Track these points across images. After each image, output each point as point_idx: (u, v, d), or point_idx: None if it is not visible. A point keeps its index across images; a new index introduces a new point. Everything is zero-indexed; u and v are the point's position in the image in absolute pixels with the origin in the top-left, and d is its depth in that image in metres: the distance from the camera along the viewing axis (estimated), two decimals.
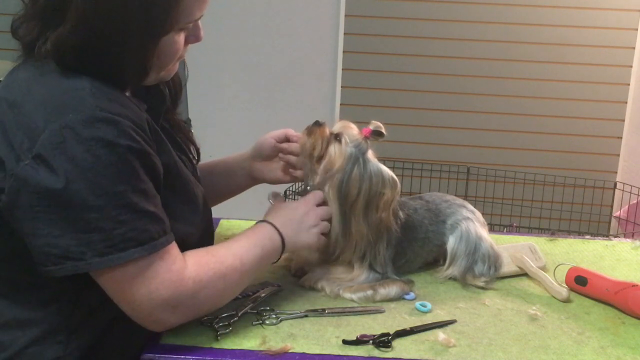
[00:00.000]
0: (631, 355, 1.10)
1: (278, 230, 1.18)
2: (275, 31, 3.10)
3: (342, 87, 3.07)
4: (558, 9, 2.93)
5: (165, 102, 1.21)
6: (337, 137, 1.27)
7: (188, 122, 2.10)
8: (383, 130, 1.27)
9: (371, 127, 1.27)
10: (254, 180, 1.44)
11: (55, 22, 1.00)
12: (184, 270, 1.02)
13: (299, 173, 1.37)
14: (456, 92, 3.04)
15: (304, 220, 1.22)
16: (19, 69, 1.06)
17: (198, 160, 1.34)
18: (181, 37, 1.07)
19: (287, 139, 1.37)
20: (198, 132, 2.10)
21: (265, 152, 1.39)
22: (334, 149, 1.26)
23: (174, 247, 1.03)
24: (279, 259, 1.20)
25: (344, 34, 3.03)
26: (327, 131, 1.28)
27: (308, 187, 1.30)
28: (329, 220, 1.25)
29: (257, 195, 1.46)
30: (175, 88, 1.25)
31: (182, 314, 1.04)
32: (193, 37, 1.11)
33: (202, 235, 1.19)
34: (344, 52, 3.05)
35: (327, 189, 1.25)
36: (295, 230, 1.21)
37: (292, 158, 1.36)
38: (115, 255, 0.96)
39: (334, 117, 3.07)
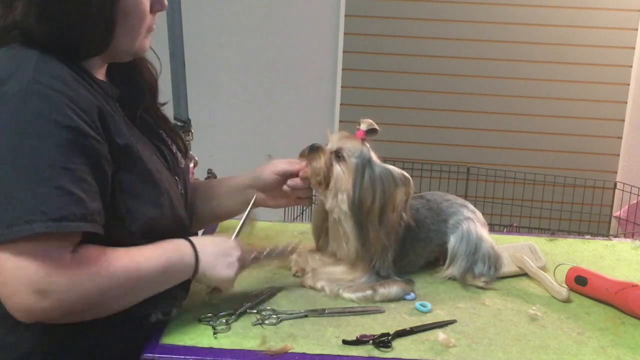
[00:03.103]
0: (631, 355, 1.10)
1: (195, 251, 1.12)
2: (275, 31, 3.10)
3: (342, 87, 3.07)
4: (558, 9, 2.93)
5: (142, 93, 1.21)
6: (337, 155, 1.26)
7: (188, 122, 2.09)
8: (375, 126, 1.27)
9: (363, 128, 1.27)
10: (255, 205, 1.40)
11: None
12: (68, 258, 0.96)
13: (307, 202, 1.37)
14: (456, 92, 3.04)
15: (228, 253, 1.17)
16: None
17: (186, 154, 1.33)
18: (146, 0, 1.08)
19: (289, 172, 1.32)
20: (198, 132, 2.11)
21: (268, 187, 1.35)
22: (339, 168, 1.25)
23: (76, 238, 0.98)
24: (190, 280, 1.14)
25: (344, 34, 3.03)
26: (327, 153, 1.27)
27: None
28: (245, 266, 1.21)
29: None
30: (152, 81, 1.24)
31: (51, 304, 0.95)
32: (158, 4, 1.11)
33: (171, 224, 1.15)
34: (344, 52, 3.05)
35: (341, 208, 1.24)
36: (215, 259, 1.15)
37: (301, 192, 1.34)
38: (21, 227, 0.92)
39: (334, 117, 3.07)
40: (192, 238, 1.15)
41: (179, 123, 2.08)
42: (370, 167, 1.23)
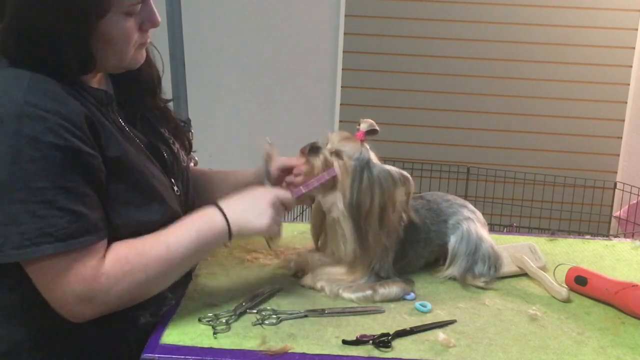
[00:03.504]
0: (631, 355, 1.10)
1: (224, 214, 1.14)
2: (275, 31, 3.10)
3: (342, 87, 3.07)
4: (558, 9, 2.93)
5: (142, 93, 1.22)
6: (337, 156, 1.26)
7: (188, 122, 2.09)
8: (376, 127, 1.26)
9: (363, 128, 1.26)
10: None
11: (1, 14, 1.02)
12: (100, 266, 1.03)
13: (307, 201, 1.38)
14: (456, 92, 3.04)
15: (256, 203, 1.17)
16: None
17: (190, 151, 1.35)
18: (129, 22, 1.07)
19: (288, 167, 1.33)
20: (198, 132, 2.11)
21: (274, 182, 1.36)
22: (337, 170, 1.25)
23: (96, 246, 1.04)
24: (227, 243, 1.17)
25: (344, 34, 3.03)
26: (326, 153, 1.26)
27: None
28: (288, 207, 1.22)
29: None
30: (153, 78, 1.24)
31: (98, 307, 1.05)
32: (148, 22, 1.11)
33: (167, 225, 1.16)
34: (344, 52, 3.05)
35: (338, 209, 1.24)
36: (244, 211, 1.16)
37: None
38: (30, 249, 0.98)
39: (334, 117, 3.07)
40: (221, 201, 1.17)
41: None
42: (368, 169, 1.23)
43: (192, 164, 1.59)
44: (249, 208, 1.17)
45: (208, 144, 2.72)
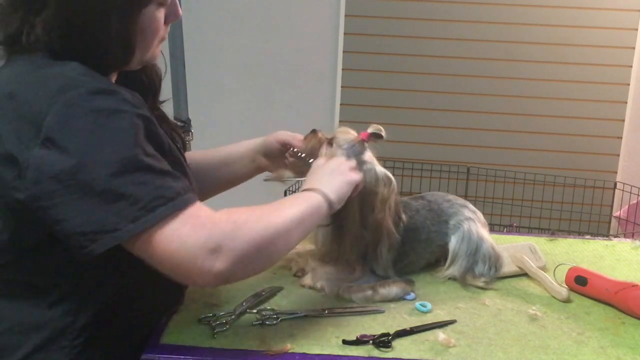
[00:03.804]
0: (631, 355, 1.10)
1: (318, 189, 1.14)
2: (275, 31, 3.10)
3: (342, 87, 3.07)
4: (558, 9, 2.93)
5: (149, 94, 1.22)
6: (330, 142, 1.28)
7: (188, 122, 2.09)
8: (382, 133, 1.27)
9: (369, 130, 1.27)
10: (260, 170, 1.46)
11: (37, 7, 1.01)
12: (214, 214, 0.99)
13: (302, 176, 1.39)
14: (456, 92, 3.04)
15: (336, 168, 1.20)
16: (3, 67, 1.06)
17: (186, 150, 1.35)
18: (161, 13, 1.08)
19: (288, 144, 1.38)
20: (198, 132, 2.11)
21: (270, 153, 1.41)
22: (324, 152, 1.27)
23: (200, 204, 1.01)
24: (331, 213, 1.15)
25: (344, 34, 3.03)
26: (321, 137, 1.30)
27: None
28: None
29: (256, 196, 1.46)
30: (156, 80, 1.25)
31: (227, 258, 0.96)
32: (172, 15, 1.12)
33: None
34: (344, 52, 3.05)
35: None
36: (332, 177, 1.18)
37: (296, 166, 1.38)
38: (147, 217, 0.94)
39: (334, 117, 3.07)
40: (309, 186, 1.16)
41: (179, 123, 2.08)
42: (356, 162, 1.23)
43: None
44: (333, 172, 1.19)
45: (208, 144, 2.72)
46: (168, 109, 2.09)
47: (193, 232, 0.95)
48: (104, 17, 1.01)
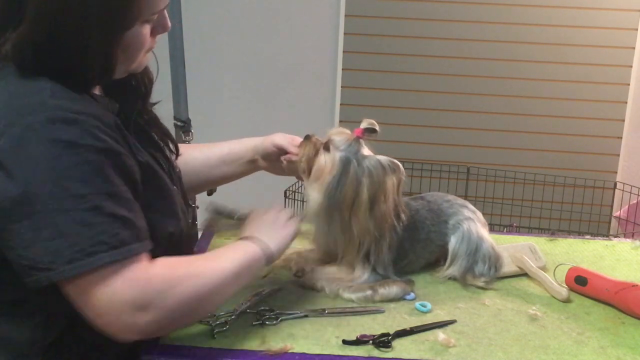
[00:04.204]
0: (631, 355, 1.10)
1: (257, 238, 1.13)
2: (275, 31, 3.09)
3: (342, 87, 3.07)
4: (558, 9, 2.93)
5: (139, 98, 1.18)
6: (325, 146, 1.27)
7: (188, 122, 2.09)
8: (376, 127, 1.27)
9: (362, 126, 1.27)
10: (257, 169, 1.46)
11: (13, 21, 0.97)
12: (150, 269, 0.96)
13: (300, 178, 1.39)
14: (456, 92, 3.04)
15: (276, 220, 1.20)
16: None
17: (177, 155, 1.32)
18: (146, 29, 1.04)
19: (284, 150, 1.37)
20: (198, 132, 2.11)
21: (267, 156, 1.41)
22: (322, 158, 1.26)
23: (145, 253, 0.97)
24: (268, 265, 1.15)
25: (344, 34, 3.03)
26: (316, 142, 1.29)
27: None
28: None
29: (256, 196, 1.47)
30: (146, 83, 1.20)
31: (154, 316, 0.94)
32: (160, 27, 1.08)
33: (186, 234, 1.17)
34: (344, 52, 3.04)
35: (315, 198, 1.25)
36: (271, 229, 1.18)
37: (293, 169, 1.37)
38: (85, 261, 0.90)
39: (334, 117, 3.07)
40: (251, 235, 1.15)
41: (179, 123, 2.08)
42: (356, 160, 1.23)
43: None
44: (273, 225, 1.19)
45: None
46: (168, 109, 2.09)
47: (125, 287, 0.92)
48: (84, 37, 0.96)
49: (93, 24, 0.96)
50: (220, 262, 1.05)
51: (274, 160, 1.40)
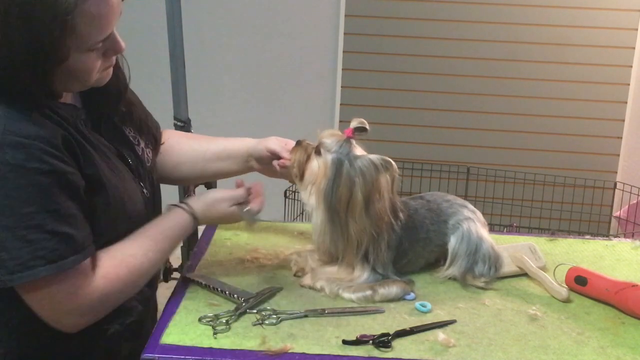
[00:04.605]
0: (631, 355, 1.10)
1: (187, 204, 1.24)
2: (275, 31, 3.09)
3: (342, 87, 3.07)
4: (558, 9, 2.93)
5: (109, 100, 1.21)
6: (317, 150, 1.28)
7: (188, 122, 2.09)
8: (366, 126, 1.27)
9: (352, 126, 1.27)
10: (251, 170, 1.47)
11: None
12: (91, 283, 1.08)
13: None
14: (456, 92, 3.04)
15: (221, 202, 1.27)
16: None
17: (158, 146, 1.38)
18: (91, 56, 1.06)
19: (277, 155, 1.38)
20: (198, 132, 2.11)
21: (261, 160, 1.42)
22: (315, 163, 1.27)
23: (85, 263, 1.07)
24: (194, 229, 1.25)
25: (344, 34, 3.03)
26: (307, 147, 1.30)
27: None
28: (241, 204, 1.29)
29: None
30: (119, 87, 1.23)
31: (91, 318, 1.11)
32: (112, 51, 1.11)
33: (147, 219, 1.23)
34: (344, 52, 3.04)
35: (314, 201, 1.26)
36: (207, 205, 1.26)
37: (286, 174, 1.38)
38: (24, 273, 1.00)
39: (334, 117, 3.07)
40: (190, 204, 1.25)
41: (179, 123, 2.08)
42: (348, 161, 1.23)
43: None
44: (212, 202, 1.27)
45: None
46: (168, 109, 2.09)
47: (65, 298, 1.05)
48: (16, 72, 1.01)
49: (22, 61, 1.00)
50: (152, 255, 1.17)
51: (267, 164, 1.40)
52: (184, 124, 2.08)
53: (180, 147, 1.45)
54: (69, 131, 1.08)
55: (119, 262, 1.12)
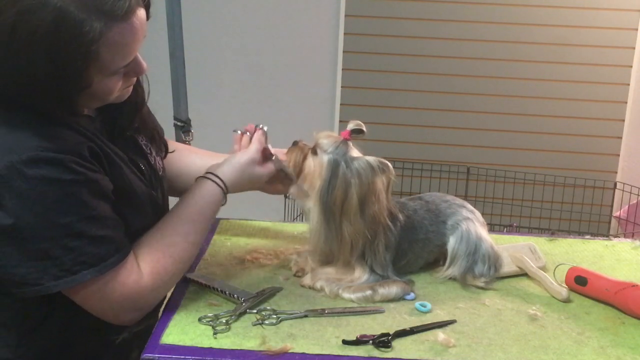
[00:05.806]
0: (631, 355, 1.10)
1: (218, 177, 1.25)
2: (275, 31, 3.10)
3: (342, 87, 3.07)
4: (558, 9, 2.93)
5: (123, 113, 1.23)
6: (313, 150, 1.28)
7: (188, 122, 2.09)
8: (362, 128, 1.27)
9: (349, 127, 1.27)
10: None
11: None
12: (140, 280, 1.12)
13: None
14: (456, 92, 3.04)
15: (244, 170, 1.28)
16: None
17: (166, 154, 1.40)
18: (113, 79, 1.08)
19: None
20: (198, 132, 2.11)
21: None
22: (310, 162, 1.27)
23: (127, 262, 1.11)
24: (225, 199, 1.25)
25: (344, 34, 3.03)
26: (304, 148, 1.30)
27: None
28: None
29: (256, 196, 1.46)
30: (136, 102, 1.24)
31: (148, 309, 1.16)
32: (133, 72, 1.12)
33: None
34: (344, 52, 3.05)
35: (310, 202, 1.26)
36: (237, 172, 1.28)
37: (283, 180, 1.37)
38: (69, 278, 1.05)
39: (334, 117, 3.07)
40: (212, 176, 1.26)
41: (179, 123, 2.08)
42: (345, 162, 1.23)
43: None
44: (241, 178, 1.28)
45: (208, 144, 2.71)
46: (168, 109, 2.09)
47: (121, 299, 1.11)
48: (38, 98, 1.04)
49: (45, 89, 1.02)
50: (193, 230, 1.20)
51: (267, 182, 1.38)
52: (184, 124, 2.08)
53: (180, 159, 1.47)
54: (94, 141, 1.11)
55: (162, 254, 1.15)
